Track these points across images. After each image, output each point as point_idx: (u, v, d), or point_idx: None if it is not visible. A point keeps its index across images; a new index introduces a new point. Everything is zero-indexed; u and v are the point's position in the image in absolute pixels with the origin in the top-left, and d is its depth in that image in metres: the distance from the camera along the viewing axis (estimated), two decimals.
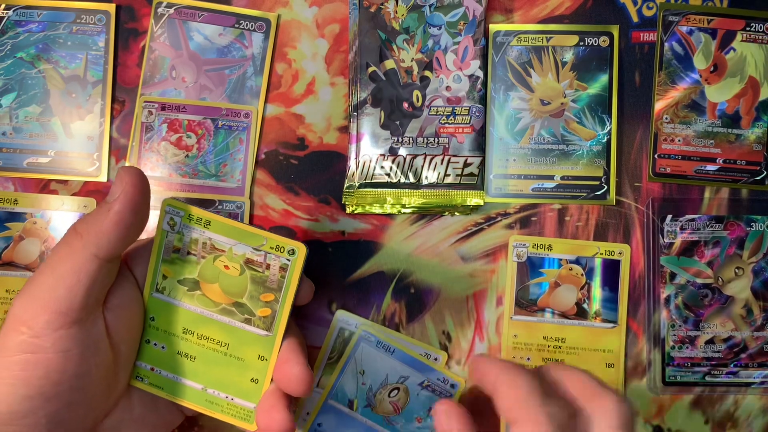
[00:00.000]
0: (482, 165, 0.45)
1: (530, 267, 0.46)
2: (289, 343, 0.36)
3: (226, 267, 0.36)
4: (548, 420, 0.29)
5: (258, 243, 0.36)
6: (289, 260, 0.36)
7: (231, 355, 0.37)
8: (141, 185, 0.33)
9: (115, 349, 0.33)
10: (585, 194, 0.46)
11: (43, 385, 0.30)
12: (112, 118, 0.46)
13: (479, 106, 0.45)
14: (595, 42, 0.46)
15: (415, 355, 0.44)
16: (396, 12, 0.45)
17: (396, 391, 0.44)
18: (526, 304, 0.46)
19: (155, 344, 0.37)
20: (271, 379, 0.37)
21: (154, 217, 0.38)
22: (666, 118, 0.46)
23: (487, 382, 0.33)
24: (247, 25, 0.46)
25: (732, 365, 0.46)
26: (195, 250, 0.37)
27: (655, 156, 0.46)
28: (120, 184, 0.32)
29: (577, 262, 0.46)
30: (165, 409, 0.37)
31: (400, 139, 0.45)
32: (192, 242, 0.36)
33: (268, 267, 0.36)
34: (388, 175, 0.45)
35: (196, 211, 0.36)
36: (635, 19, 0.47)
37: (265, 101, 0.47)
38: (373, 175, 0.45)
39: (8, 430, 0.29)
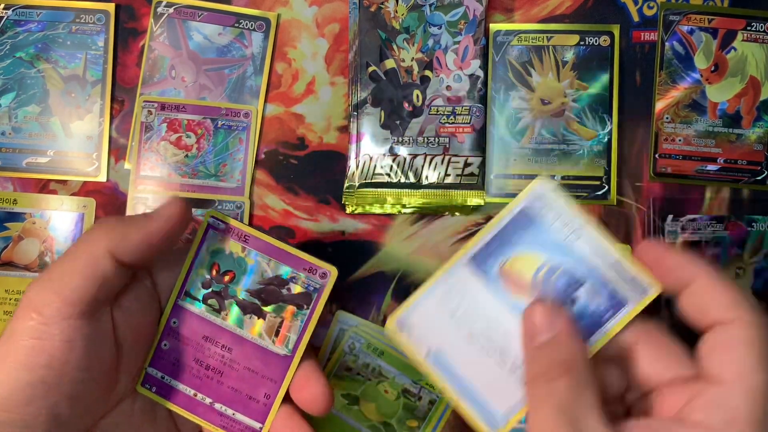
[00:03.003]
0: (483, 165, 0.45)
1: None
2: (309, 363, 0.36)
3: (386, 391, 0.45)
4: (763, 322, 0.27)
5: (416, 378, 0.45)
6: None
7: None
8: (183, 222, 0.34)
9: (120, 349, 0.33)
10: (586, 194, 0.46)
11: (46, 374, 0.30)
12: (112, 117, 0.46)
13: (480, 105, 0.45)
14: (596, 41, 0.46)
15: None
16: (396, 11, 0.45)
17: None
18: None
19: None
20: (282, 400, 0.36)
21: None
22: (667, 118, 0.46)
23: (679, 276, 0.30)
24: (246, 24, 0.46)
25: None
26: (365, 372, 0.45)
27: (656, 156, 0.46)
28: (167, 210, 0.33)
29: None
30: (163, 422, 0.37)
31: (401, 139, 0.45)
32: (363, 366, 0.44)
33: (420, 398, 0.44)
34: (389, 175, 0.45)
35: (374, 342, 0.44)
36: (636, 18, 0.47)
37: (265, 101, 0.46)
38: (373, 175, 0.45)
39: (8, 418, 0.29)
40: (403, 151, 0.45)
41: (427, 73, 0.45)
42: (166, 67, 0.46)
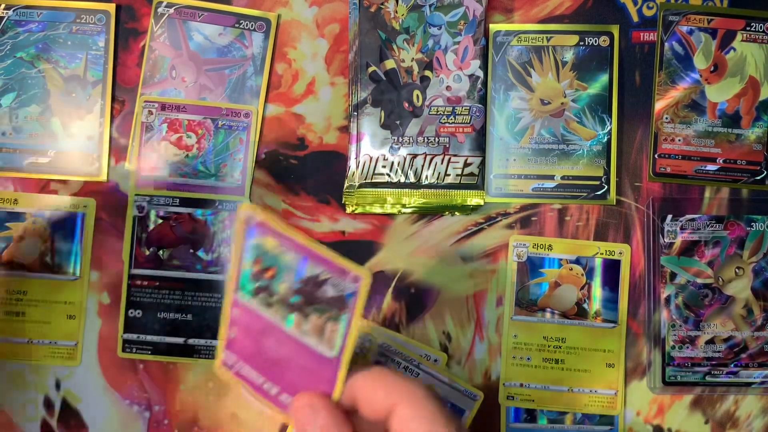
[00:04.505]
0: (482, 165, 0.45)
1: (530, 267, 0.46)
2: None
3: None
4: None
5: None
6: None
7: None
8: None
9: None
10: (585, 194, 0.46)
11: None
12: (112, 117, 0.46)
13: (479, 105, 0.45)
14: (596, 42, 0.46)
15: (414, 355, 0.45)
16: (396, 12, 0.45)
17: None
18: (526, 304, 0.46)
19: None
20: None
21: None
22: (666, 118, 0.46)
23: (380, 398, 0.30)
24: (247, 24, 0.46)
25: (732, 365, 0.46)
26: None
27: (656, 156, 0.46)
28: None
29: (577, 261, 0.46)
30: None
31: (401, 139, 0.45)
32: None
33: None
34: (389, 175, 0.45)
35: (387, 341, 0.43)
36: (635, 18, 0.47)
37: (265, 101, 0.47)
38: (373, 175, 0.45)
39: None
40: (403, 151, 0.45)
41: (427, 73, 0.45)
42: (167, 67, 0.46)
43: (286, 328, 0.35)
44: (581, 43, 0.46)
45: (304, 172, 0.47)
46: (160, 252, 0.45)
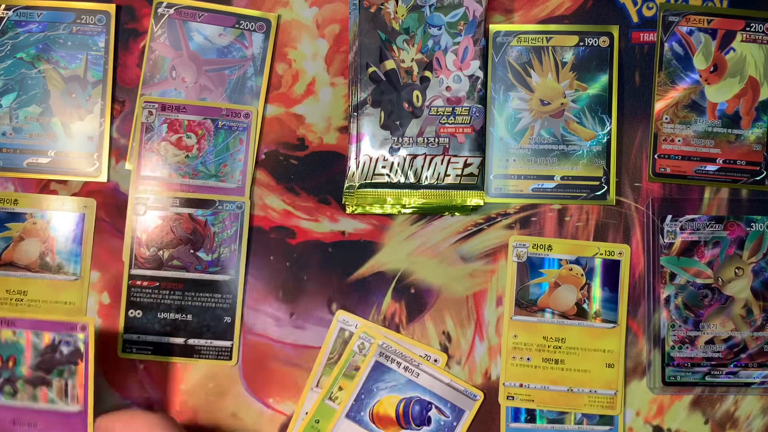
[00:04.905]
0: (482, 165, 0.45)
1: (530, 267, 0.46)
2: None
3: None
4: None
5: None
6: None
7: None
8: None
9: None
10: (585, 194, 0.46)
11: None
12: (112, 118, 0.46)
13: (479, 106, 0.45)
14: (595, 42, 0.46)
15: (415, 356, 0.45)
16: (396, 12, 0.45)
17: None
18: (525, 304, 0.46)
19: None
20: None
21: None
22: (666, 119, 0.46)
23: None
24: (247, 25, 0.46)
25: (732, 365, 0.46)
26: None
27: (655, 156, 0.46)
28: None
29: (577, 262, 0.46)
30: None
31: (400, 139, 0.45)
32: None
33: None
34: (388, 175, 0.45)
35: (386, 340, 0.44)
36: (635, 19, 0.47)
37: (265, 101, 0.47)
38: (373, 175, 0.45)
39: None
40: (402, 152, 0.45)
41: (427, 73, 0.45)
42: (167, 67, 0.46)
43: (35, 405, 0.40)
44: (581, 44, 0.46)
45: (304, 173, 0.47)
46: (160, 252, 0.45)
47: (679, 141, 0.46)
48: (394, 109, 0.45)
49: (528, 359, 0.46)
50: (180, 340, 0.45)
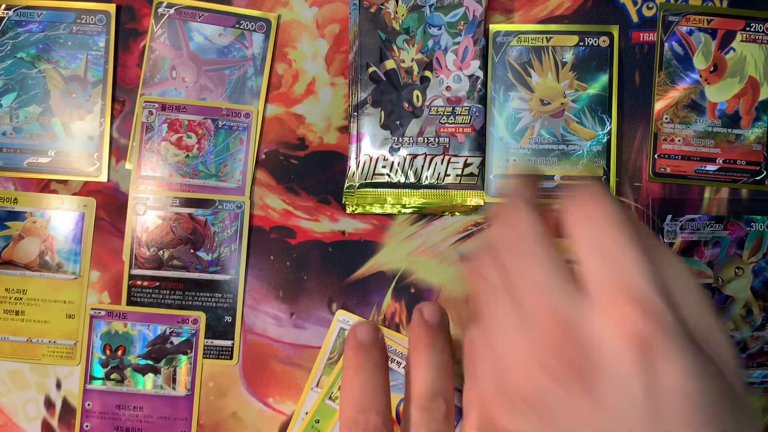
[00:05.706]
0: (482, 165, 0.45)
1: None
2: None
3: None
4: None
5: None
6: None
7: None
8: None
9: None
10: None
11: None
12: (113, 118, 0.46)
13: (479, 106, 0.45)
14: (595, 42, 0.46)
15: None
16: (396, 12, 0.45)
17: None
18: None
19: None
20: None
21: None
22: (666, 118, 0.46)
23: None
24: (247, 25, 0.46)
25: None
26: None
27: (655, 156, 0.46)
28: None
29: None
30: None
31: (401, 139, 0.45)
32: None
33: None
34: (389, 175, 0.45)
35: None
36: (635, 19, 0.47)
37: (266, 101, 0.47)
38: (373, 175, 0.45)
39: None
40: (402, 152, 0.45)
41: (427, 73, 0.45)
42: (167, 67, 0.46)
43: (142, 390, 0.44)
44: (581, 44, 0.46)
45: (305, 172, 0.47)
46: (160, 252, 0.45)
47: (679, 141, 0.46)
48: (394, 109, 0.45)
49: None
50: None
